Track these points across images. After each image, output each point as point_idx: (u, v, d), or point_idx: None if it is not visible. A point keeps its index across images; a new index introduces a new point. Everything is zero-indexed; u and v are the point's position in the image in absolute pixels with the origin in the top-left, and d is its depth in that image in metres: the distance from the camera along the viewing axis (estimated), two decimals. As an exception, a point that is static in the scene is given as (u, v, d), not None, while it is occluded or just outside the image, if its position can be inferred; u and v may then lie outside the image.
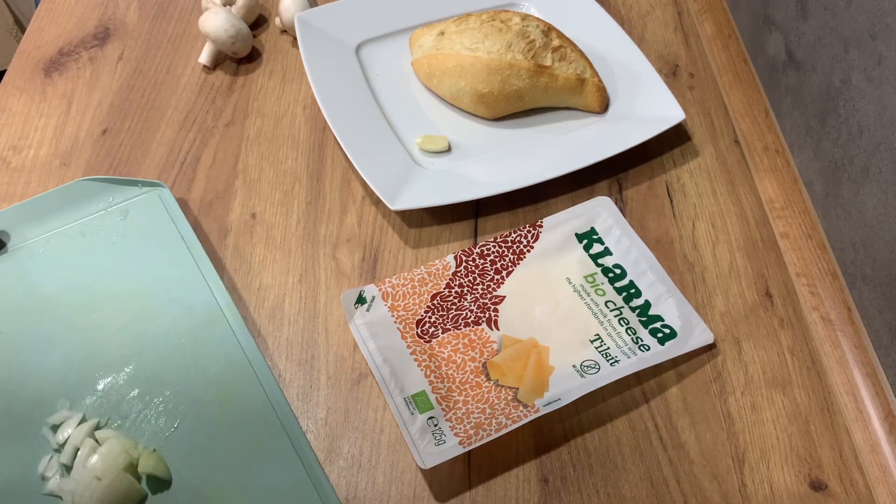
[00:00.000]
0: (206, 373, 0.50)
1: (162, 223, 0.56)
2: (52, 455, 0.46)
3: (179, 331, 0.51)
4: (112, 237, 0.55)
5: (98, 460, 0.44)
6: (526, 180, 0.59)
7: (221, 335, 0.51)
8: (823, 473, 0.48)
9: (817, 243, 0.58)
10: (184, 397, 0.49)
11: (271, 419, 0.48)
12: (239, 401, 0.48)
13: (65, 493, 0.43)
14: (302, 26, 0.69)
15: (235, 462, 0.46)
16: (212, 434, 0.47)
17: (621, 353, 0.51)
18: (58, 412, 0.47)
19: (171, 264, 0.54)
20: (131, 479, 0.44)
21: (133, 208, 0.57)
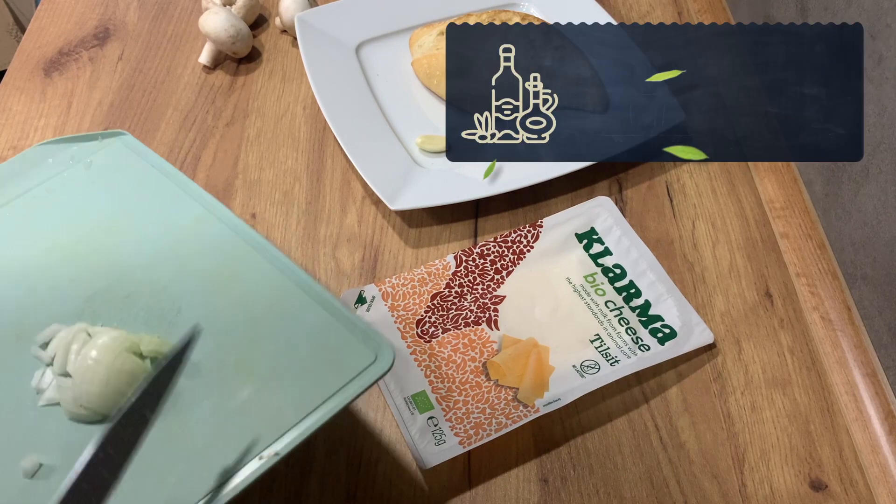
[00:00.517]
0: (200, 266, 0.46)
1: (128, 163, 0.53)
2: (44, 370, 0.42)
3: (167, 240, 0.48)
4: (78, 190, 0.52)
5: (96, 348, 0.40)
6: (526, 180, 0.59)
7: (213, 232, 0.48)
8: (823, 473, 0.48)
9: (817, 243, 0.58)
10: (180, 291, 0.45)
11: (281, 283, 0.44)
12: (243, 278, 0.45)
13: (63, 391, 0.39)
14: (302, 26, 0.69)
15: (251, 328, 0.43)
16: (218, 314, 0.44)
17: (621, 353, 0.51)
18: (48, 328, 0.43)
19: (146, 192, 0.51)
20: (135, 357, 0.40)
21: (98, 158, 0.54)
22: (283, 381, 0.40)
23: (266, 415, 0.39)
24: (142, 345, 0.41)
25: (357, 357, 0.40)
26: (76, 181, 0.53)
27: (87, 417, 0.39)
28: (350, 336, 0.41)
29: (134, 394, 0.33)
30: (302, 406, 0.39)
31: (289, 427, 0.38)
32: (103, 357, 0.39)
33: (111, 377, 0.39)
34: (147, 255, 0.47)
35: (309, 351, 0.42)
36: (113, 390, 0.38)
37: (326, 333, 0.42)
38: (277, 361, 0.41)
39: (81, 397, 0.38)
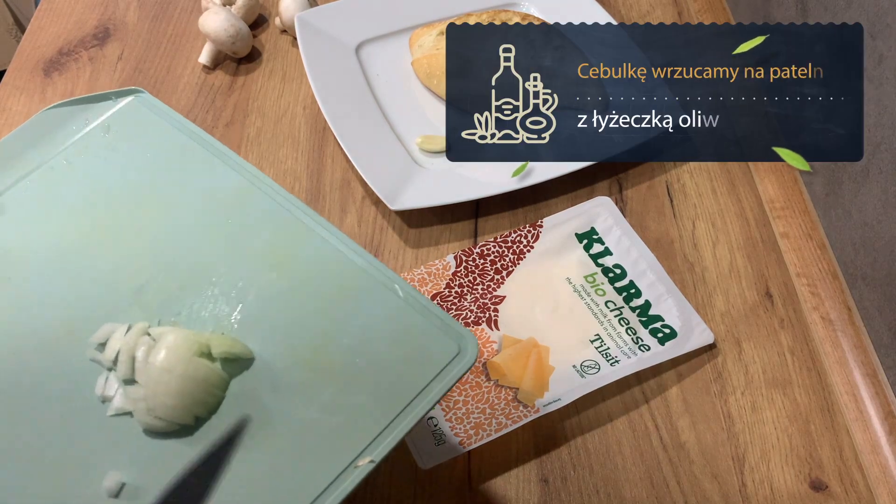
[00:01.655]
0: (253, 244, 0.43)
1: (150, 124, 0.49)
2: (106, 375, 0.39)
3: (210, 215, 0.44)
4: (99, 156, 0.48)
5: (161, 352, 0.37)
6: (526, 180, 0.59)
7: (259, 205, 0.44)
8: (824, 473, 0.48)
9: (817, 243, 0.58)
10: (237, 276, 0.41)
11: (346, 265, 0.41)
12: (303, 259, 0.41)
13: (135, 401, 0.36)
14: (302, 26, 0.69)
15: (323, 321, 0.39)
16: (285, 302, 0.40)
17: (621, 353, 0.51)
18: (101, 329, 0.40)
19: (176, 158, 0.47)
20: (207, 362, 0.37)
21: (114, 122, 0.50)
22: (364, 379, 0.37)
23: (352, 418, 0.36)
24: (211, 346, 0.38)
25: (440, 349, 0.37)
26: (97, 148, 0.48)
27: (162, 428, 0.36)
28: (429, 326, 0.38)
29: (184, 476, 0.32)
30: (389, 406, 0.36)
31: (380, 431, 0.35)
32: (174, 366, 0.36)
33: (185, 387, 0.36)
34: (193, 235, 0.44)
35: (387, 343, 0.38)
36: (188, 401, 0.36)
37: (403, 323, 0.38)
38: (355, 356, 0.38)
39: (156, 409, 0.36)
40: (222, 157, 0.46)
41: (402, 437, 0.35)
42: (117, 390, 0.38)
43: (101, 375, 0.38)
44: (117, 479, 0.35)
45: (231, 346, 0.38)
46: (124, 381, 0.38)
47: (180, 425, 0.36)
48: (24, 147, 0.49)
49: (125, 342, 0.38)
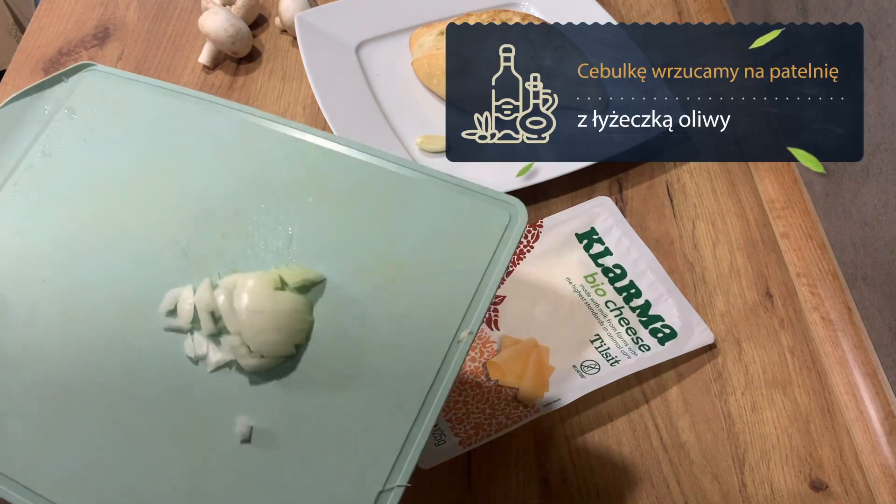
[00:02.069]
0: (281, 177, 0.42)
1: (114, 94, 0.46)
2: (190, 336, 0.38)
3: (222, 162, 0.43)
4: (77, 141, 0.46)
5: (243, 297, 0.37)
6: (526, 180, 0.59)
7: (265, 140, 0.43)
8: (824, 473, 0.48)
9: (817, 243, 0.58)
10: (276, 210, 0.41)
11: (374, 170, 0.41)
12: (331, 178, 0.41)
13: (235, 349, 0.37)
14: (302, 26, 0.69)
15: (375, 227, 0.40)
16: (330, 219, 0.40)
17: (621, 353, 0.51)
18: (165, 297, 0.39)
19: (162, 118, 0.45)
20: (290, 294, 0.38)
21: (75, 103, 0.47)
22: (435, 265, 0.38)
23: (439, 300, 0.37)
24: (285, 277, 0.38)
25: (492, 220, 0.38)
26: (70, 133, 0.46)
27: (268, 365, 0.37)
28: (475, 202, 0.39)
29: None
30: (468, 282, 0.37)
31: (467, 304, 0.37)
32: (264, 305, 0.37)
33: (280, 321, 0.37)
34: (215, 185, 0.42)
35: (443, 228, 0.39)
36: (285, 333, 0.37)
37: (451, 207, 0.39)
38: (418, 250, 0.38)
39: (260, 349, 0.36)
40: (205, 104, 0.45)
41: (490, 303, 0.36)
42: (209, 346, 0.38)
43: (185, 339, 0.38)
44: (246, 423, 0.36)
45: (303, 273, 0.38)
46: (210, 336, 0.38)
47: (284, 357, 0.37)
48: None
49: (199, 300, 0.38)
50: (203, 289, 0.39)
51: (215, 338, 0.38)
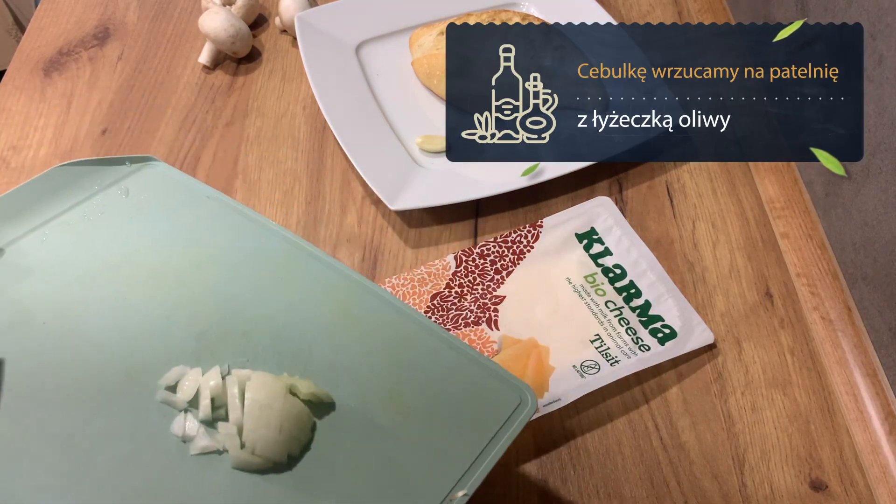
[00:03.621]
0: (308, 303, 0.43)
1: (174, 191, 0.48)
2: (184, 415, 0.38)
3: (259, 275, 0.44)
4: (124, 216, 0.47)
5: (256, 391, 0.37)
6: (526, 180, 0.59)
7: (307, 265, 0.45)
8: (824, 473, 0.48)
9: (817, 243, 0.58)
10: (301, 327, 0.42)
11: (401, 320, 0.42)
12: (360, 317, 0.43)
13: (230, 438, 0.36)
14: (302, 26, 0.69)
15: (389, 372, 0.40)
16: (349, 353, 0.41)
17: (621, 354, 0.51)
18: (171, 371, 0.39)
19: (212, 222, 0.47)
20: (298, 401, 0.38)
21: (132, 185, 0.49)
22: (439, 424, 0.39)
23: (435, 455, 0.37)
24: (298, 387, 0.38)
25: (502, 400, 0.39)
26: (119, 208, 0.48)
27: (257, 465, 0.36)
28: (488, 378, 0.40)
29: None
30: (467, 448, 0.38)
31: (465, 468, 0.37)
32: (273, 402, 0.37)
33: (284, 423, 0.36)
34: (243, 291, 0.44)
35: (454, 393, 0.40)
36: (286, 437, 0.36)
37: (464, 376, 0.40)
38: (424, 404, 0.39)
39: (256, 444, 0.36)
40: (256, 223, 0.47)
41: (487, 474, 0.37)
42: (199, 430, 0.37)
43: (177, 416, 0.38)
44: None
45: (315, 389, 0.38)
46: (204, 422, 0.38)
47: (275, 462, 0.36)
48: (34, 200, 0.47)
49: (205, 383, 0.38)
50: (212, 374, 0.39)
51: (208, 424, 0.38)
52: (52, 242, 0.46)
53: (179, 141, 0.66)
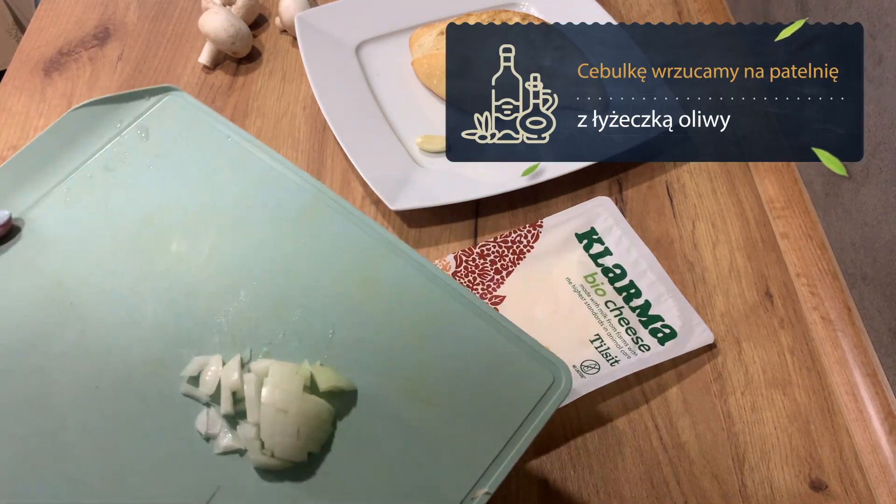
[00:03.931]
0: (333, 267, 0.41)
1: (193, 130, 0.45)
2: (206, 411, 0.37)
3: (279, 232, 0.42)
4: (145, 161, 0.44)
5: (272, 389, 0.36)
6: (526, 180, 0.59)
7: (331, 221, 0.42)
8: (824, 473, 0.48)
9: (817, 243, 0.58)
10: (322, 301, 0.40)
11: (432, 290, 0.39)
12: (387, 284, 0.40)
13: (248, 441, 0.35)
14: (302, 26, 0.69)
15: (416, 349, 0.38)
16: (374, 328, 0.39)
17: (621, 353, 0.51)
18: (191, 362, 0.38)
19: (233, 167, 0.44)
20: (317, 399, 0.36)
21: (151, 123, 0.46)
22: (465, 410, 0.37)
23: (459, 449, 0.36)
24: (318, 379, 0.37)
25: (535, 378, 0.37)
26: (138, 154, 0.44)
27: (277, 467, 0.35)
28: (521, 354, 0.38)
29: None
30: (495, 437, 0.36)
31: (489, 461, 0.35)
32: (289, 405, 0.35)
33: (300, 426, 0.35)
34: (268, 256, 0.41)
35: (482, 373, 0.38)
36: (303, 439, 0.35)
37: (496, 351, 0.38)
38: (453, 387, 0.37)
39: (273, 448, 0.35)
40: (280, 165, 0.44)
41: (512, 467, 0.35)
42: (222, 427, 0.37)
43: (200, 412, 0.37)
44: None
45: (336, 380, 0.37)
46: (227, 417, 0.37)
47: (295, 463, 0.35)
48: (52, 152, 0.45)
49: (224, 377, 0.37)
50: (232, 366, 0.37)
51: (231, 419, 0.37)
52: (75, 201, 0.44)
53: (179, 141, 0.66)
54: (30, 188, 0.44)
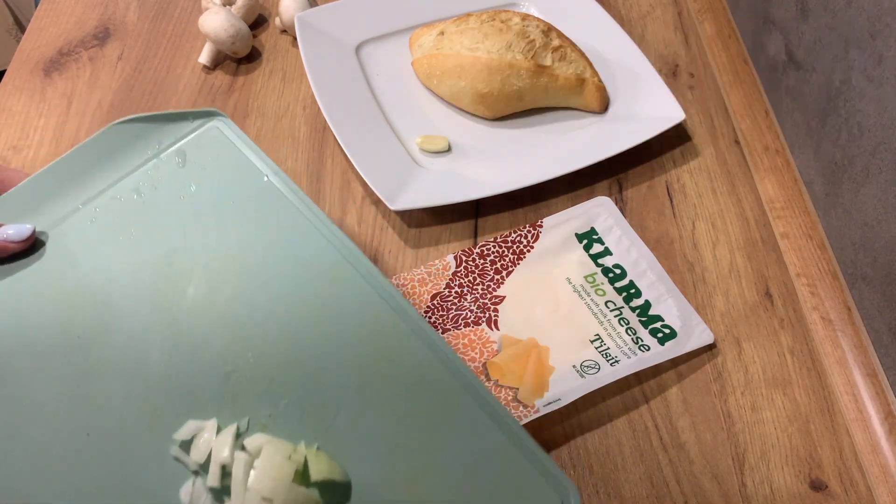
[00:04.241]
0: (350, 342, 0.39)
1: (234, 163, 0.43)
2: (193, 479, 0.36)
3: (300, 293, 0.40)
4: (177, 191, 0.43)
5: (260, 476, 0.34)
6: (526, 180, 0.59)
7: (354, 290, 0.40)
8: (823, 473, 0.48)
9: (817, 243, 0.58)
10: (333, 377, 0.38)
11: (448, 382, 0.37)
12: (403, 367, 0.38)
13: None
14: (302, 26, 0.69)
15: (422, 447, 0.36)
16: (381, 415, 0.37)
17: (621, 354, 0.51)
18: (185, 425, 0.37)
19: (265, 212, 0.42)
20: (306, 491, 0.35)
21: (190, 149, 0.44)
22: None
23: None
24: (311, 467, 0.35)
25: (541, 499, 0.35)
26: (169, 182, 0.43)
27: None
28: (531, 470, 0.36)
29: None
30: None
31: None
32: (275, 495, 0.34)
33: None
34: (287, 317, 0.40)
35: (486, 485, 0.36)
36: None
37: (505, 464, 0.36)
38: (454, 494, 0.35)
39: None
40: (313, 216, 0.42)
41: None
42: (206, 500, 0.35)
43: (187, 480, 0.36)
44: None
45: (329, 471, 0.35)
46: (213, 491, 0.35)
47: None
48: (86, 167, 0.43)
49: (216, 450, 0.36)
50: (224, 439, 0.36)
51: (217, 493, 0.35)
52: (100, 224, 0.42)
53: (179, 141, 0.66)
54: (59, 202, 0.43)
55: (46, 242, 0.41)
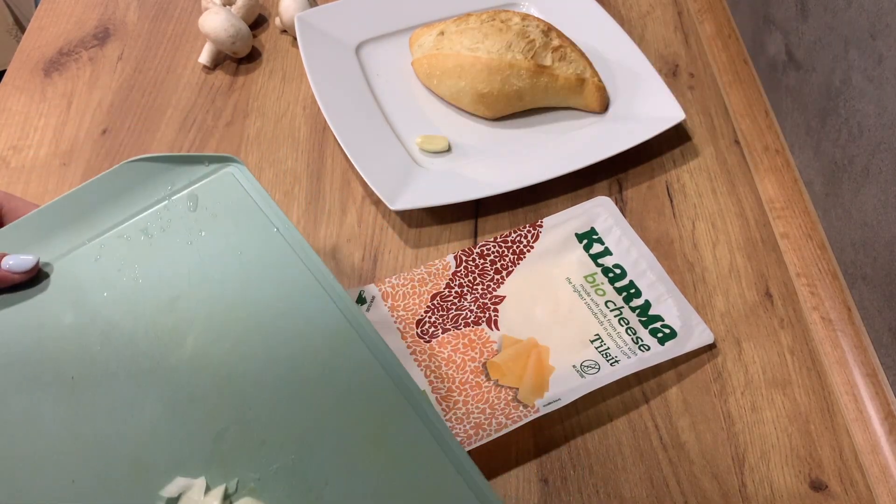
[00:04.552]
0: (347, 411, 0.38)
1: (246, 213, 0.43)
2: None
3: (301, 356, 0.39)
4: (186, 236, 0.42)
5: None
6: (526, 180, 0.59)
7: (357, 357, 0.39)
8: (823, 473, 0.48)
9: (817, 243, 0.58)
10: (326, 446, 0.37)
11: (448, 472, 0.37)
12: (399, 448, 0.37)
13: None
14: (302, 26, 0.69)
15: None
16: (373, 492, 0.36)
17: (621, 353, 0.51)
18: (173, 482, 0.36)
19: (272, 268, 0.41)
20: None
21: (203, 194, 0.43)
22: None
23: None
24: None
25: None
26: (179, 226, 0.42)
27: None
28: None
29: None
30: None
31: None
32: None
33: None
34: (285, 380, 0.39)
35: None
36: None
37: None
38: None
39: None
40: (320, 276, 0.41)
41: None
42: None
43: None
44: None
45: None
46: None
47: None
48: (96, 202, 0.43)
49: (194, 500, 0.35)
50: (211, 498, 0.35)
51: None
52: (106, 262, 0.42)
53: (180, 141, 0.66)
54: (66, 235, 0.42)
55: (50, 275, 0.41)
